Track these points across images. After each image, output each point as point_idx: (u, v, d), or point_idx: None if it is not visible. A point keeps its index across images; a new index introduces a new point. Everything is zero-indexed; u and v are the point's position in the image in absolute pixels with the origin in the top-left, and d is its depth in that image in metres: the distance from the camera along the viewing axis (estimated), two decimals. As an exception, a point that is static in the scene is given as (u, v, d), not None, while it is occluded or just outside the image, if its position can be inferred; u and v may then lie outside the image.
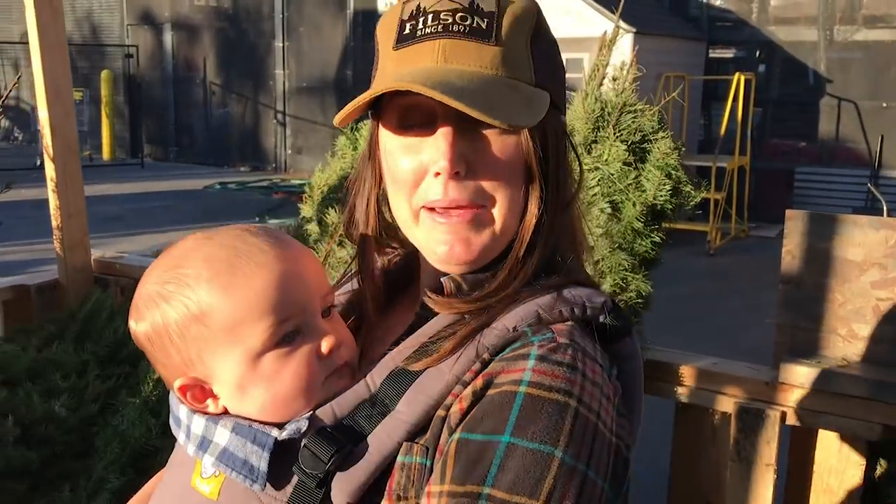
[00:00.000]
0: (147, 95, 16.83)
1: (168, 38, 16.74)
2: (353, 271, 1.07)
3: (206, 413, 0.90)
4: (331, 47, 14.65)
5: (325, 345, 0.89)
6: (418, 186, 0.89)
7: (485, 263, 0.90)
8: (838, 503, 1.98)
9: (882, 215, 6.12)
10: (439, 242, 0.89)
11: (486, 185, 0.87)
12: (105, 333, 2.64)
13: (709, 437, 2.14)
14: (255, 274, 0.87)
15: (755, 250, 9.53)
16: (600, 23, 10.20)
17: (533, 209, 0.89)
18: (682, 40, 11.28)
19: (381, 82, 0.87)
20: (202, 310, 0.87)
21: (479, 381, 0.82)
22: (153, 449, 2.30)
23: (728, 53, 12.03)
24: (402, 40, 0.88)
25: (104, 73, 15.67)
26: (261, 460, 0.84)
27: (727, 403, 2.05)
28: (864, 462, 1.97)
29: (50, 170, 2.82)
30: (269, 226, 1.08)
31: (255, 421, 0.88)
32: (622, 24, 9.19)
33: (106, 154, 15.60)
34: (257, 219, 10.05)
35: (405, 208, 0.91)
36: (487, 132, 0.86)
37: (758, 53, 11.78)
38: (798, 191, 11.13)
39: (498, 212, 0.88)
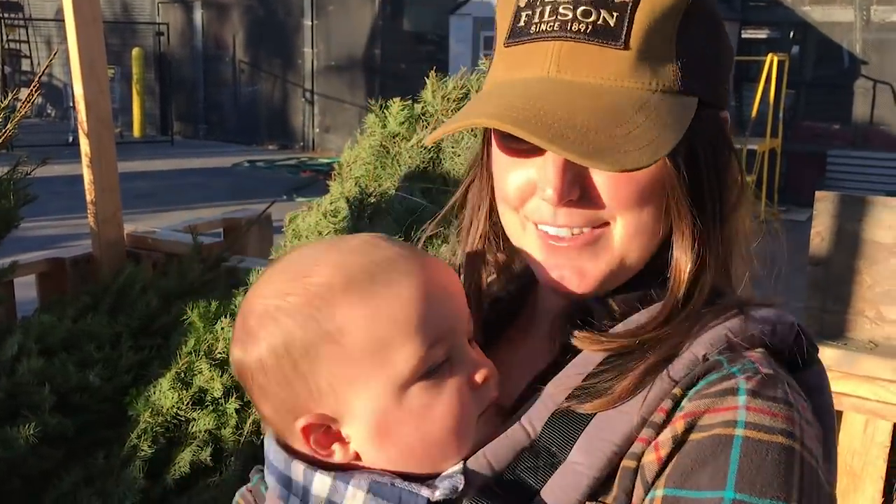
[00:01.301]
0: (177, 73, 16.94)
1: (198, 16, 16.81)
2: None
3: (328, 463, 0.73)
4: (359, 26, 14.63)
5: (481, 375, 0.74)
6: (525, 203, 0.78)
7: (615, 286, 0.79)
8: (862, 485, 1.99)
9: (915, 199, 6.03)
10: (550, 267, 0.77)
11: (608, 205, 0.75)
12: (138, 306, 2.69)
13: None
14: (401, 283, 0.72)
15: (785, 233, 9.41)
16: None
17: (683, 242, 0.76)
18: (714, 20, 11.11)
19: (480, 98, 0.76)
20: (338, 326, 0.70)
21: (678, 424, 0.68)
22: (184, 419, 2.36)
23: (761, 34, 11.85)
24: (515, 35, 0.76)
25: (135, 51, 15.78)
26: None
27: (752, 384, 2.06)
28: (889, 444, 1.97)
29: (84, 145, 2.88)
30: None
31: (396, 474, 0.72)
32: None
33: (136, 131, 15.74)
34: (285, 196, 10.12)
35: (513, 219, 0.81)
36: None
37: (791, 34, 11.59)
38: (830, 174, 10.98)
39: (620, 233, 0.75)
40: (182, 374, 2.40)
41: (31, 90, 2.61)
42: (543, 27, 0.73)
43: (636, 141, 0.68)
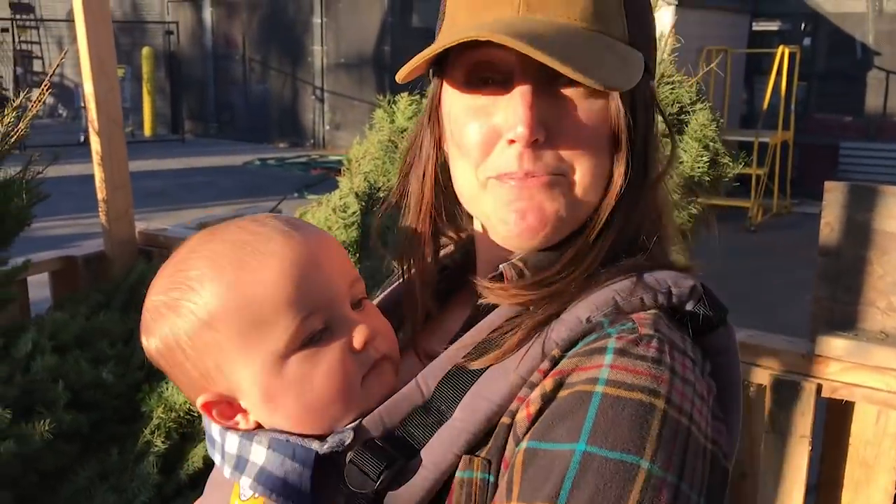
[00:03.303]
0: (187, 72, 17.00)
1: (207, 14, 16.87)
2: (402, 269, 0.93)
3: (238, 430, 0.82)
4: (369, 23, 14.64)
5: (358, 337, 0.78)
6: (488, 155, 0.78)
7: (558, 239, 0.79)
8: (874, 475, 1.98)
9: (929, 191, 5.98)
10: (509, 211, 0.77)
11: (567, 153, 0.76)
12: (150, 303, 2.71)
13: (744, 409, 2.14)
14: (265, 265, 0.76)
15: (797, 226, 9.38)
16: (641, -5, 10.05)
17: (617, 182, 0.77)
18: (724, 12, 11.07)
19: (452, 33, 0.75)
20: (210, 314, 0.77)
21: (548, 382, 0.70)
22: (196, 415, 2.37)
23: (772, 26, 11.78)
24: None
25: (145, 50, 15.84)
26: (301, 479, 0.75)
27: (763, 375, 2.05)
28: (902, 435, 1.96)
29: (95, 143, 2.89)
30: (281, 214, 0.92)
31: (294, 434, 0.78)
32: (663, -4, 9.04)
33: (147, 130, 15.82)
34: (296, 194, 10.15)
35: (470, 178, 0.80)
36: (572, 94, 0.75)
37: (803, 26, 11.52)
38: (843, 166, 10.92)
39: (578, 180, 0.77)
40: (194, 370, 2.42)
41: (42, 89, 2.63)
42: None
43: (612, 67, 0.72)
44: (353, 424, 0.76)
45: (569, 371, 0.70)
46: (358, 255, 2.37)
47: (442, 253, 0.93)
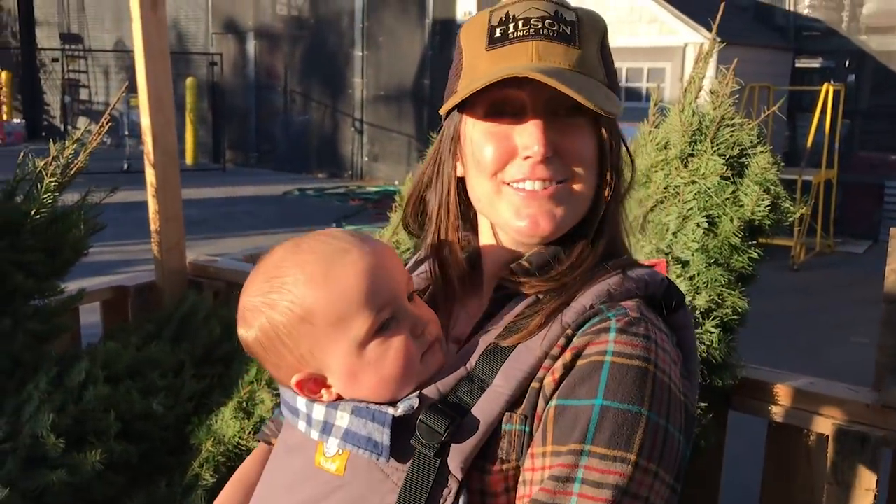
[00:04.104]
0: (230, 102, 17.29)
1: (251, 46, 17.18)
2: (420, 257, 1.15)
3: (322, 402, 0.99)
4: (409, 56, 14.80)
5: (418, 325, 0.98)
6: (505, 166, 0.98)
7: (559, 236, 1.00)
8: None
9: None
10: (523, 216, 0.98)
11: (569, 166, 0.98)
12: (200, 334, 2.72)
13: (803, 459, 2.08)
14: (348, 271, 0.95)
15: (841, 266, 9.23)
16: (683, 32, 10.05)
17: (606, 193, 1.01)
18: (767, 50, 11.02)
19: (484, 77, 0.94)
20: (306, 310, 0.95)
21: (567, 355, 0.92)
22: (245, 449, 2.37)
23: (815, 63, 11.69)
24: (495, 42, 0.97)
25: (189, 81, 16.15)
26: (382, 435, 0.92)
27: (824, 425, 2.00)
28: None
29: (150, 175, 2.94)
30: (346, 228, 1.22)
31: (371, 402, 0.96)
32: (709, 34, 9.03)
33: (189, 159, 16.06)
34: (335, 224, 10.20)
35: (487, 186, 1.00)
36: (571, 124, 0.97)
37: (847, 63, 11.42)
38: (889, 205, 10.73)
39: (577, 187, 0.99)
40: (244, 403, 2.42)
41: (103, 122, 2.68)
42: (520, 33, 0.96)
43: (603, 100, 0.93)
44: (416, 393, 0.95)
45: (583, 346, 0.92)
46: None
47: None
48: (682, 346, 0.99)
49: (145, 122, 2.89)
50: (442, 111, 1.01)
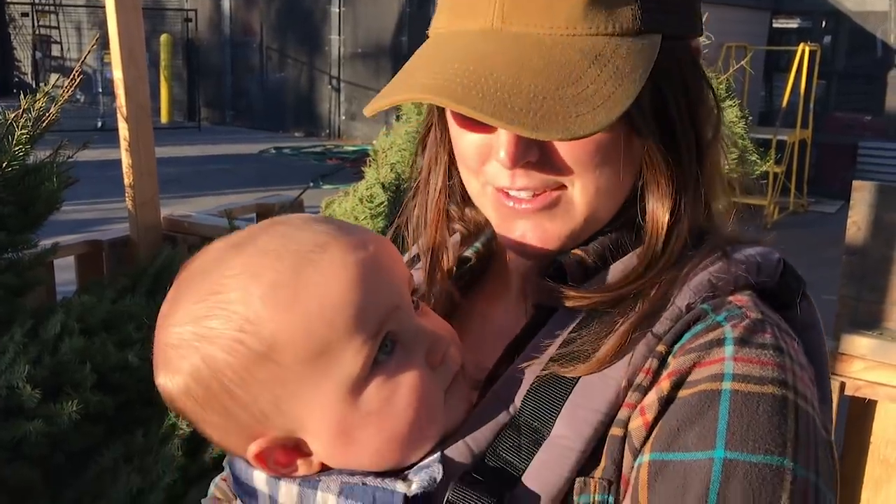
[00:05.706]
0: (205, 60, 17.05)
1: (226, 2, 16.89)
2: (412, 255, 0.87)
3: (294, 476, 0.68)
4: (386, 13, 14.63)
5: (437, 350, 0.67)
6: (484, 165, 0.73)
7: (571, 248, 0.73)
8: (894, 474, 1.99)
9: (949, 192, 5.96)
10: (511, 229, 0.73)
11: (565, 168, 0.69)
12: (175, 288, 2.74)
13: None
14: (327, 277, 0.63)
15: (814, 225, 9.35)
16: (661, -10, 10.00)
17: (658, 190, 0.71)
18: (745, 9, 11.01)
19: (420, 70, 0.68)
20: (267, 342, 0.63)
21: (664, 384, 0.63)
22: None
23: (792, 23, 11.72)
24: None
25: (163, 37, 15.88)
26: None
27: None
28: (924, 434, 1.97)
29: (123, 129, 2.92)
30: (302, 206, 0.69)
31: (369, 474, 0.66)
32: (684, -9, 8.98)
33: (164, 117, 15.87)
34: (311, 184, 10.16)
35: (472, 182, 0.76)
36: None
37: (824, 24, 11.45)
38: (862, 165, 10.86)
39: (579, 194, 0.70)
40: (219, 355, 2.45)
41: (74, 75, 2.66)
42: None
43: (590, 101, 0.62)
44: (436, 456, 0.65)
45: (687, 369, 0.63)
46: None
47: (454, 236, 0.85)
48: (809, 354, 0.69)
49: (118, 75, 2.86)
50: (367, 112, 0.72)
